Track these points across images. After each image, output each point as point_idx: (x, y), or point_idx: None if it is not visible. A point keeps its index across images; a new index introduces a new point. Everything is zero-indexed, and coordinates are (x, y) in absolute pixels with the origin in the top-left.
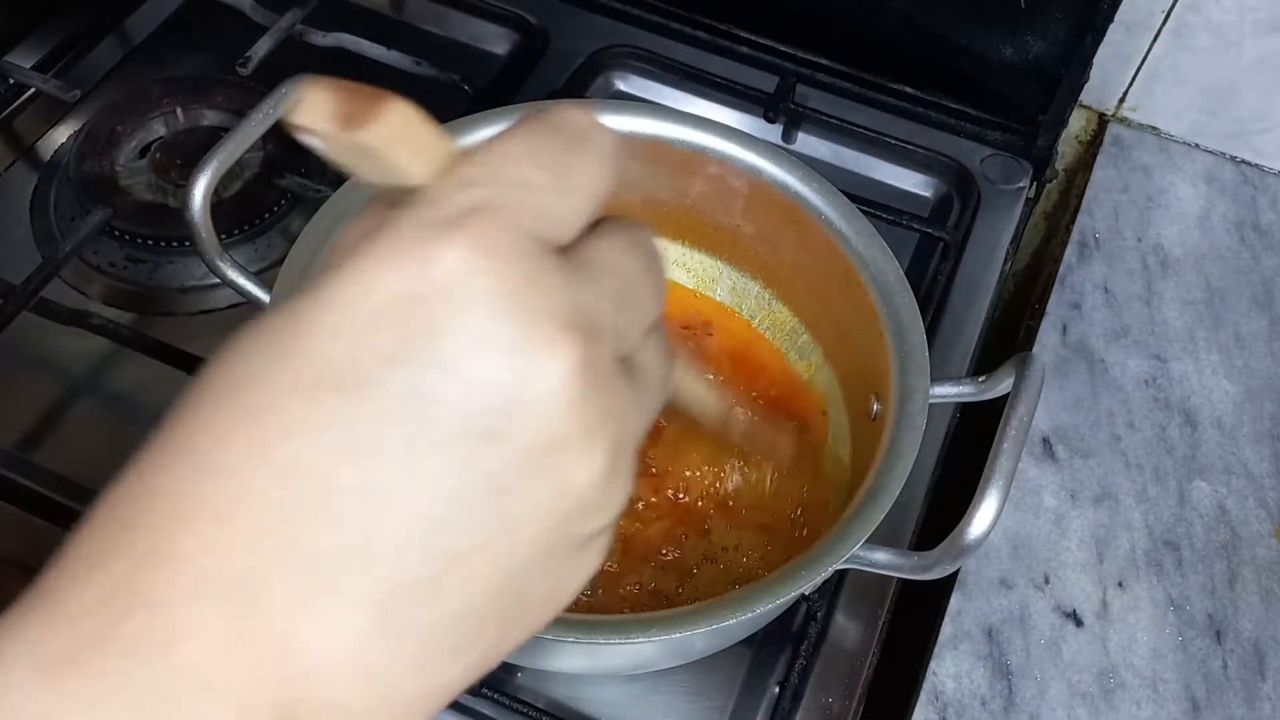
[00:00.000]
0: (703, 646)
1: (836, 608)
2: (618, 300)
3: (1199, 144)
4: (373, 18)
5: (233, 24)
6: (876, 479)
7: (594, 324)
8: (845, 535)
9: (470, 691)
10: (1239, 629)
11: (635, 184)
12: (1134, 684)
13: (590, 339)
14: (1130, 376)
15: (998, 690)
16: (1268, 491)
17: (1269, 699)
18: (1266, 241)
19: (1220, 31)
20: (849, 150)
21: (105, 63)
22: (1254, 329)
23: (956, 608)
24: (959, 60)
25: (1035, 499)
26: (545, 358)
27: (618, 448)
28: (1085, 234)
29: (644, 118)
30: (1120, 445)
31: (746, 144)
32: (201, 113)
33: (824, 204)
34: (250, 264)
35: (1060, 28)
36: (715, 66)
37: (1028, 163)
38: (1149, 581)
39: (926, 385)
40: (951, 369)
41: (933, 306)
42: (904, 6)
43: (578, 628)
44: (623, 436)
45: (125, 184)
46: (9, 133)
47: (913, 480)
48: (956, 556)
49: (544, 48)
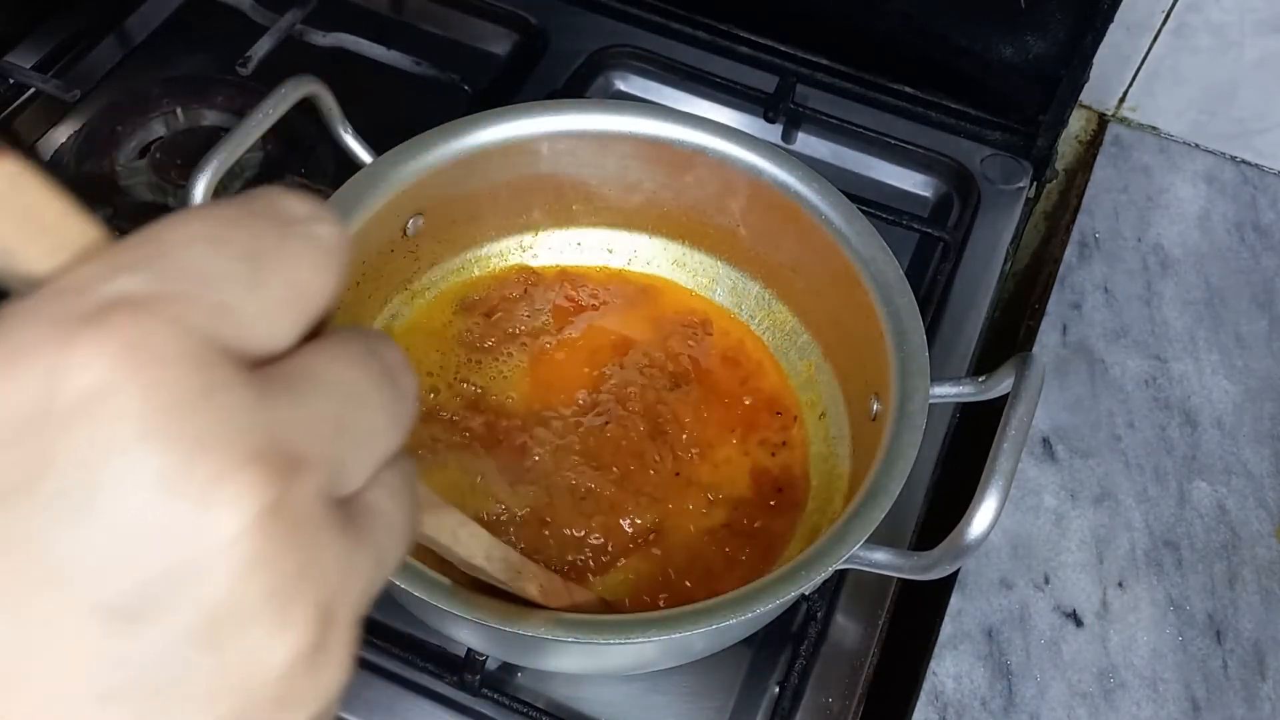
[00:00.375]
0: (703, 646)
1: (836, 608)
2: (336, 425)
3: (1199, 144)
4: (373, 18)
5: (233, 24)
6: (876, 479)
7: (294, 456)
8: (845, 535)
9: (470, 691)
10: (1239, 629)
11: (635, 184)
12: (1134, 684)
13: (287, 475)
14: (1130, 376)
15: (998, 690)
16: (1268, 491)
17: (1269, 699)
18: (1266, 241)
19: (1220, 31)
20: (849, 150)
21: (105, 63)
22: (1254, 329)
23: (956, 608)
24: (959, 60)
25: (1035, 499)
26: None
27: (326, 617)
28: (1085, 234)
29: (644, 118)
30: (1120, 445)
31: (746, 144)
32: (201, 113)
33: (824, 204)
34: None
35: (1060, 28)
36: (715, 66)
37: (1028, 163)
38: (1149, 581)
39: (926, 385)
40: (951, 369)
41: (933, 306)
42: (904, 6)
43: (578, 627)
44: (334, 603)
45: (125, 184)
46: (9, 133)
47: (913, 480)
48: (956, 556)
49: (544, 48)
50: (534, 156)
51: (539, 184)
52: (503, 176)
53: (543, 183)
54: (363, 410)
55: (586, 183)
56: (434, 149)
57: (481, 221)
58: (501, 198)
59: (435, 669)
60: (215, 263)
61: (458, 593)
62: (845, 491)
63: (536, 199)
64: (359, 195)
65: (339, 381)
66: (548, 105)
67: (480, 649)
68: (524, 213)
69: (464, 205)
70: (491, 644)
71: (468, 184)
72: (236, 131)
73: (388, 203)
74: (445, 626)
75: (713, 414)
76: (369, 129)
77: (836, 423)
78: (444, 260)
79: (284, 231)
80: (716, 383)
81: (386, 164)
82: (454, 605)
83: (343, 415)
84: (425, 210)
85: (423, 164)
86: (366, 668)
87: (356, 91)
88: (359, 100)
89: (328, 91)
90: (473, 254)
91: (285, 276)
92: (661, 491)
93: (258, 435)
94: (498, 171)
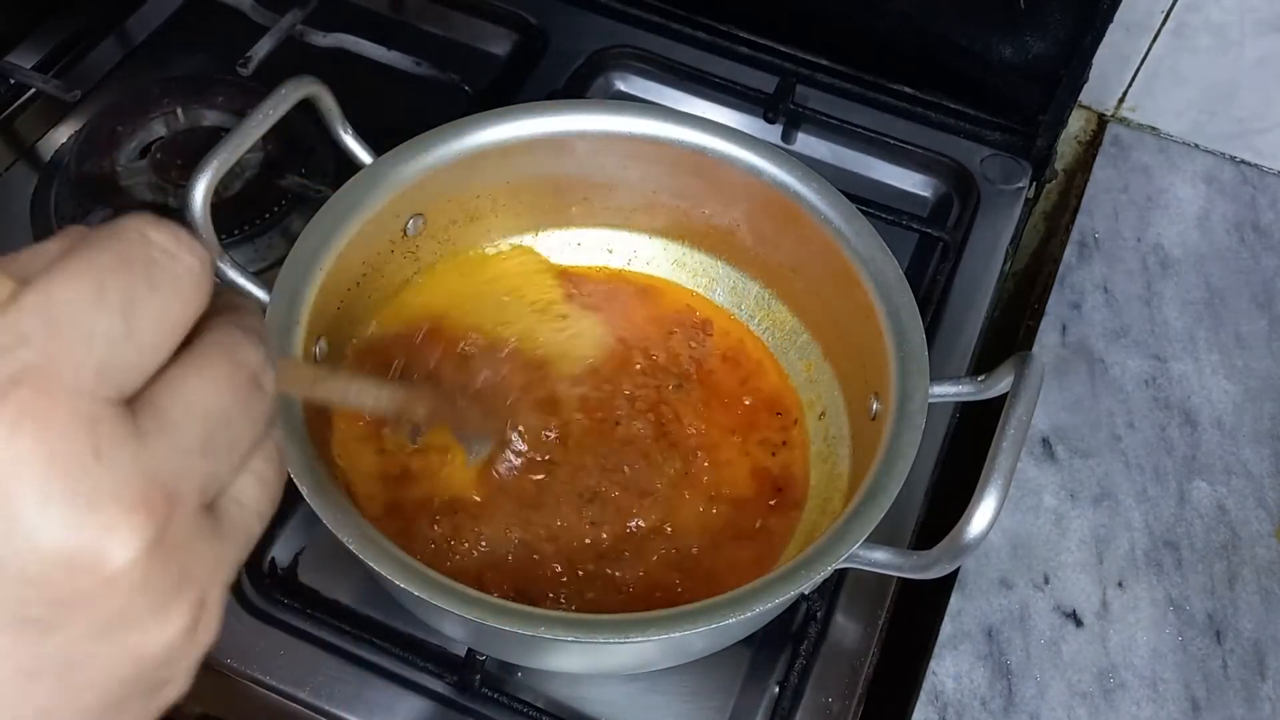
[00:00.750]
0: (703, 646)
1: (836, 608)
2: (204, 445)
3: (1199, 144)
4: (373, 18)
5: (233, 24)
6: (876, 479)
7: (169, 490)
8: (845, 535)
9: (470, 691)
10: (1239, 629)
11: (635, 184)
12: (1134, 684)
13: (164, 507)
14: (1130, 376)
15: (998, 690)
16: (1268, 491)
17: (1269, 699)
18: (1266, 241)
19: (1220, 31)
20: (849, 150)
21: (105, 63)
22: (1254, 329)
23: (956, 608)
24: (959, 60)
25: (1035, 499)
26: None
27: (200, 603)
28: (1085, 234)
29: (644, 118)
30: (1120, 445)
31: (746, 144)
32: (201, 113)
33: (824, 204)
34: (250, 264)
35: (1060, 28)
36: (715, 66)
37: (1027, 163)
38: (1149, 581)
39: (926, 385)
40: (951, 369)
41: (933, 306)
42: (904, 6)
43: (578, 627)
44: (206, 589)
45: (125, 184)
46: (9, 133)
47: (912, 480)
48: (956, 556)
49: (544, 48)
50: (534, 156)
51: (539, 184)
52: (502, 176)
53: (542, 183)
54: (226, 424)
55: (586, 183)
56: (434, 149)
57: (481, 221)
58: (501, 198)
59: (435, 669)
60: (97, 320)
61: (458, 593)
62: (845, 491)
63: (536, 199)
64: (359, 195)
65: (204, 402)
66: (548, 105)
67: (480, 649)
68: (524, 213)
69: (464, 205)
70: (491, 644)
71: (468, 184)
72: (236, 131)
73: (388, 203)
74: (445, 626)
75: (713, 414)
76: (369, 129)
77: (836, 422)
78: (444, 260)
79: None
80: (717, 383)
81: (386, 164)
82: (454, 605)
83: (209, 433)
84: (425, 210)
85: (423, 164)
86: (366, 668)
87: (356, 91)
88: (359, 100)
89: (328, 92)
90: (473, 254)
91: (158, 320)
92: (662, 491)
93: (139, 482)
94: (498, 171)
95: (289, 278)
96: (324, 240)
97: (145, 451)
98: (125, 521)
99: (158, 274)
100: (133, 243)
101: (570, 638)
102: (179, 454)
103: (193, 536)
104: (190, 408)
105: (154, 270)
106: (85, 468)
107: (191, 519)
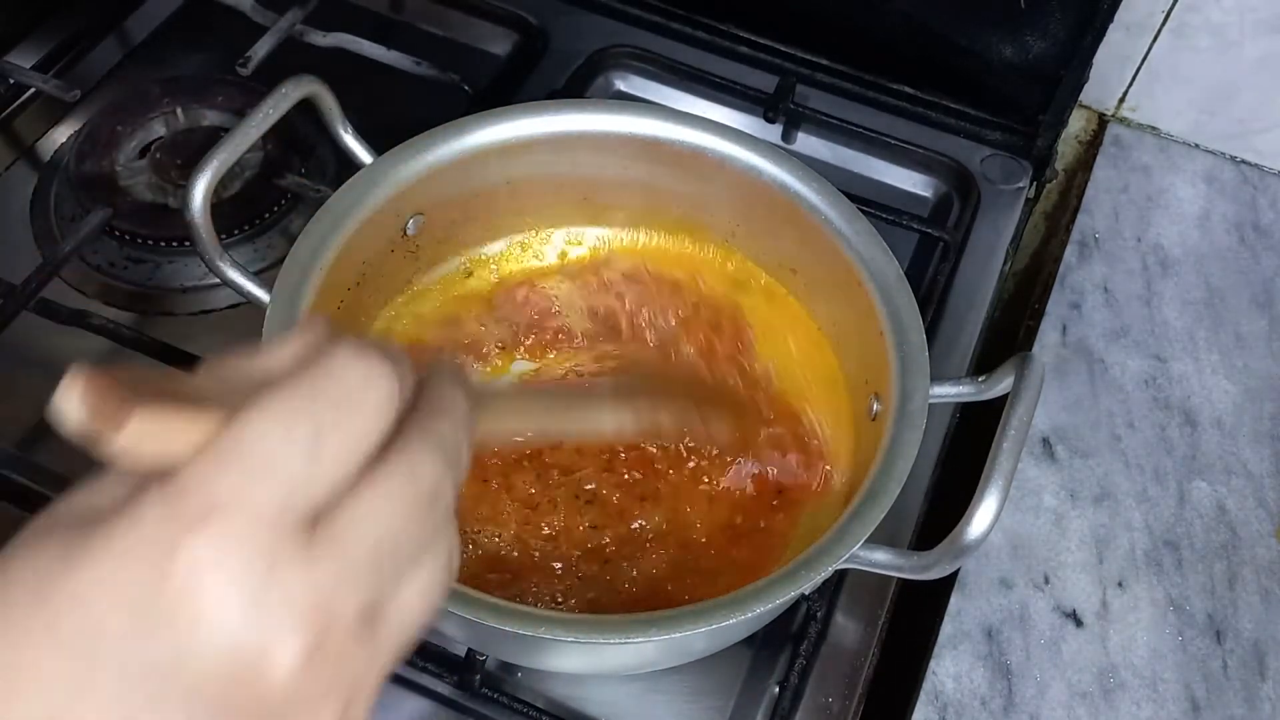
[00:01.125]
0: (703, 646)
1: (836, 608)
2: (371, 565)
3: (1199, 144)
4: (373, 18)
5: (233, 24)
6: (876, 479)
7: (332, 611)
8: (845, 535)
9: (470, 691)
10: (1239, 629)
11: (635, 184)
12: (1134, 684)
13: (326, 627)
14: (1130, 376)
15: (998, 690)
16: (1268, 491)
17: (1269, 699)
18: (1266, 241)
19: (1220, 31)
20: (849, 150)
21: (105, 63)
22: (1254, 329)
23: (956, 608)
24: (959, 60)
25: (1035, 499)
26: (277, 646)
27: (347, 705)
28: (1085, 234)
29: (644, 118)
30: (1120, 445)
31: (746, 144)
32: (201, 113)
33: (824, 204)
34: (250, 264)
35: (1060, 28)
36: (715, 66)
37: (1027, 163)
38: (1149, 581)
39: (926, 385)
40: (951, 369)
41: (933, 306)
42: (904, 6)
43: (578, 627)
44: (355, 691)
45: (125, 184)
46: (9, 133)
47: (913, 480)
48: (956, 556)
49: (544, 48)
50: (534, 156)
51: (539, 184)
52: (502, 176)
53: (543, 183)
54: (397, 546)
55: (587, 182)
56: (434, 149)
57: (481, 221)
58: (501, 198)
59: (435, 669)
60: (286, 454)
61: (458, 593)
62: (845, 491)
63: (537, 199)
64: (359, 195)
65: (379, 530)
66: (548, 105)
67: (480, 649)
68: (524, 213)
69: (464, 205)
70: (491, 644)
71: (468, 184)
72: (236, 131)
73: (388, 203)
74: (445, 626)
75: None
76: (369, 129)
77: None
78: (444, 260)
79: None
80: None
81: (386, 164)
82: (454, 605)
83: (379, 556)
84: (425, 210)
85: (423, 164)
86: None
87: (356, 91)
88: (359, 100)
89: (328, 91)
90: (473, 254)
91: (342, 452)
92: (662, 491)
93: (306, 600)
94: (497, 171)
95: (289, 278)
96: (324, 240)
97: (315, 571)
98: (292, 631)
99: (346, 409)
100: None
101: (570, 638)
102: (346, 574)
103: (348, 645)
104: (363, 533)
105: (343, 406)
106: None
107: (350, 628)
